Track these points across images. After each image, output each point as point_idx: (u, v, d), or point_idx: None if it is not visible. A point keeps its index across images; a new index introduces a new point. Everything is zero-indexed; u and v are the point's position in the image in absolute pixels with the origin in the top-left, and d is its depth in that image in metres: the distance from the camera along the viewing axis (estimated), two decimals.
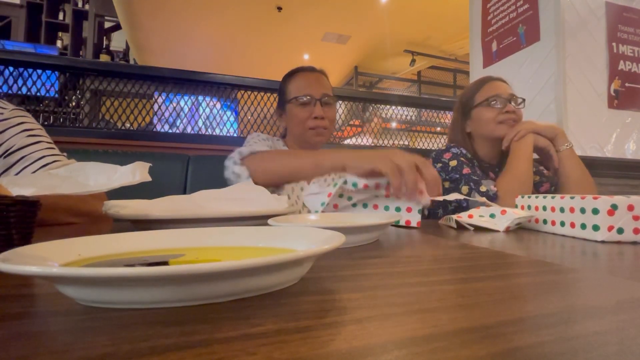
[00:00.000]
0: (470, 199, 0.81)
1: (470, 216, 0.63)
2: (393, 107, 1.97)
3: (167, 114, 1.57)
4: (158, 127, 1.58)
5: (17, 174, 0.70)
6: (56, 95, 1.54)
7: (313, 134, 1.03)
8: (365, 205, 0.66)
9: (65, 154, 0.79)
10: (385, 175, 0.61)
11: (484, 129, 1.07)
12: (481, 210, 0.65)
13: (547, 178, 1.08)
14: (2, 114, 0.74)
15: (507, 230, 0.58)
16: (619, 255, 0.39)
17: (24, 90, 1.41)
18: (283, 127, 1.12)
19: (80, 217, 0.66)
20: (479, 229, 0.60)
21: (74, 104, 1.64)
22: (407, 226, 0.63)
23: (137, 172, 0.46)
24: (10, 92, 1.39)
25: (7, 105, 0.76)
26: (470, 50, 1.95)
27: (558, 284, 0.25)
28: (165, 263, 0.23)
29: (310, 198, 0.65)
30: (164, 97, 1.58)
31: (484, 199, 0.74)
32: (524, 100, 1.08)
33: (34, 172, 0.70)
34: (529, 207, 0.64)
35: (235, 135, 1.69)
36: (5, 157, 0.70)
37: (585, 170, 1.00)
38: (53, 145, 0.78)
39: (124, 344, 0.14)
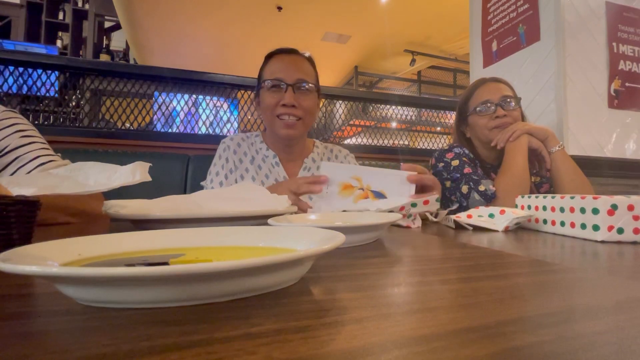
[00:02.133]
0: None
1: (469, 216, 0.63)
2: (393, 107, 1.97)
3: (167, 114, 1.57)
4: (158, 127, 1.58)
5: (12, 174, 0.70)
6: (56, 95, 1.54)
7: (280, 124, 0.91)
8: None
9: (59, 154, 0.79)
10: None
11: (479, 135, 1.09)
12: (480, 210, 0.65)
13: (547, 179, 1.08)
14: None
15: (506, 230, 0.58)
16: (619, 255, 0.39)
17: (24, 90, 1.41)
18: (261, 117, 1.01)
19: (80, 216, 0.66)
20: (477, 228, 0.60)
21: (73, 103, 1.64)
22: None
23: (137, 172, 0.46)
24: (10, 92, 1.39)
25: None
26: (471, 50, 1.95)
27: (558, 284, 0.25)
28: (165, 263, 0.23)
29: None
30: (164, 97, 1.58)
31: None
32: (518, 99, 1.08)
33: (29, 172, 0.70)
34: (529, 207, 0.64)
35: (239, 133, 1.69)
36: (0, 158, 0.71)
37: (578, 170, 1.00)
38: (47, 146, 0.78)
39: (123, 344, 0.14)
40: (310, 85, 0.93)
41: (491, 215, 0.62)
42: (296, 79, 0.91)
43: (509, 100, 1.05)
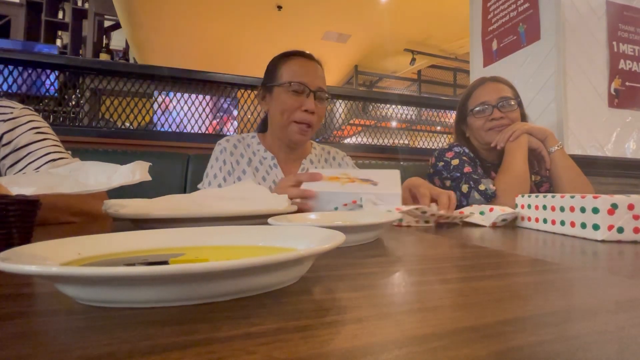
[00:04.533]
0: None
1: (461, 212, 0.66)
2: (393, 106, 1.97)
3: (167, 113, 1.57)
4: (158, 126, 1.58)
5: (23, 168, 0.74)
6: (56, 95, 1.54)
7: (296, 129, 0.93)
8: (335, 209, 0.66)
9: (69, 152, 0.82)
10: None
11: (476, 136, 1.10)
12: (474, 207, 0.68)
13: (547, 178, 1.08)
14: (12, 112, 0.78)
15: (494, 226, 0.62)
16: (619, 254, 0.38)
17: (24, 89, 1.41)
18: (264, 111, 1.02)
19: (80, 216, 0.66)
20: (466, 224, 0.64)
21: (73, 103, 1.64)
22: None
23: (137, 172, 0.46)
24: (10, 91, 1.39)
25: (17, 104, 0.80)
26: (471, 49, 1.94)
27: (558, 283, 0.25)
28: (165, 262, 0.23)
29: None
30: (163, 96, 1.58)
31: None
32: (518, 100, 1.08)
33: (39, 167, 0.73)
34: (529, 206, 0.64)
35: (235, 134, 1.68)
36: (14, 152, 0.75)
37: (577, 170, 1.01)
38: (59, 144, 0.81)
39: (123, 344, 0.14)
40: (327, 95, 0.96)
41: (482, 213, 0.65)
42: (317, 87, 0.93)
43: (507, 101, 1.05)
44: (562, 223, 0.55)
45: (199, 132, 1.61)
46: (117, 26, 4.45)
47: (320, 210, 0.66)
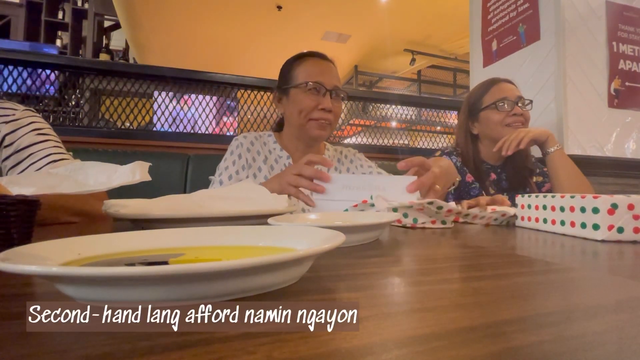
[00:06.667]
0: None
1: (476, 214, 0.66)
2: (393, 107, 1.97)
3: (167, 113, 1.57)
4: (158, 127, 1.58)
5: (25, 169, 0.74)
6: (56, 95, 1.54)
7: (315, 125, 0.94)
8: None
9: (71, 153, 0.82)
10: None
11: (492, 131, 1.08)
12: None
13: (549, 178, 1.09)
14: (14, 114, 0.78)
15: (488, 225, 0.64)
16: (619, 254, 0.38)
17: (24, 89, 1.41)
18: (281, 114, 1.04)
19: (80, 216, 0.66)
20: (465, 224, 0.65)
21: (73, 103, 1.64)
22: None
23: (136, 172, 0.46)
24: (10, 91, 1.39)
25: (18, 106, 0.81)
26: (471, 49, 1.95)
27: (558, 283, 0.25)
28: (165, 262, 0.23)
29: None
30: (163, 96, 1.58)
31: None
32: (531, 101, 1.09)
33: (41, 168, 0.74)
34: (529, 207, 0.64)
35: (235, 134, 1.69)
36: (16, 153, 0.75)
37: (576, 170, 1.01)
38: (60, 144, 0.81)
39: (123, 344, 0.14)
40: (342, 91, 0.98)
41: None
42: (334, 86, 0.95)
43: (524, 100, 1.07)
44: (562, 223, 0.55)
45: (199, 132, 1.61)
46: (117, 26, 4.45)
47: (331, 211, 0.65)
